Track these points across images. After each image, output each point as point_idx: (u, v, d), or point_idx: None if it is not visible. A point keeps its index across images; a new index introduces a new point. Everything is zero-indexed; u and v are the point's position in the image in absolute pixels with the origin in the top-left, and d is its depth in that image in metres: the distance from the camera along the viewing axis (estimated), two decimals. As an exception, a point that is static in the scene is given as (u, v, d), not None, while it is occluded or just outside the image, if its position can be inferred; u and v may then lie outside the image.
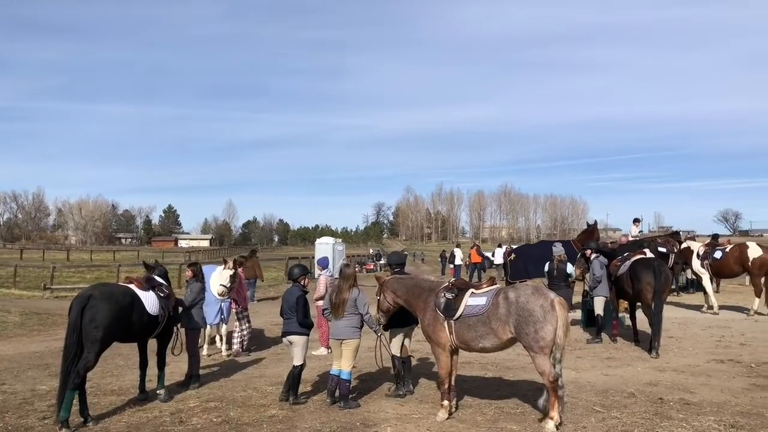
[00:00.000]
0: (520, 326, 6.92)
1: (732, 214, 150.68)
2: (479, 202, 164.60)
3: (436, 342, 7.58)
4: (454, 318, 7.36)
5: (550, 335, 6.84)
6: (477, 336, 7.24)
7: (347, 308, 8.11)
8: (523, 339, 6.94)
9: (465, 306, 7.33)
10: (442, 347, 7.52)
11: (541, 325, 6.83)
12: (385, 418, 7.60)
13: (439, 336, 7.49)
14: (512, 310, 7.00)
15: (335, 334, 8.22)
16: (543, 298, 6.97)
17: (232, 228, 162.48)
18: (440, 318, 7.47)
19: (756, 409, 7.68)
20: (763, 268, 16.83)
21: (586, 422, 7.22)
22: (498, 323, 7.09)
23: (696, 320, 15.84)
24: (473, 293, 7.44)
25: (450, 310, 7.40)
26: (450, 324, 7.39)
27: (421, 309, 7.77)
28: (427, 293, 7.78)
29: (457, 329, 7.35)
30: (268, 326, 15.43)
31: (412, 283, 8.12)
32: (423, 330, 7.85)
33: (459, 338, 7.38)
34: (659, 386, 8.92)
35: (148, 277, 8.76)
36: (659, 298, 11.60)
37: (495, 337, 7.15)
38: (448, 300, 7.46)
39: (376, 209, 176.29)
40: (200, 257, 61.49)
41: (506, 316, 7.03)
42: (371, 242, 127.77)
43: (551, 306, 6.90)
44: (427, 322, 7.63)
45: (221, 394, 8.85)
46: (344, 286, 8.18)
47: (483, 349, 7.40)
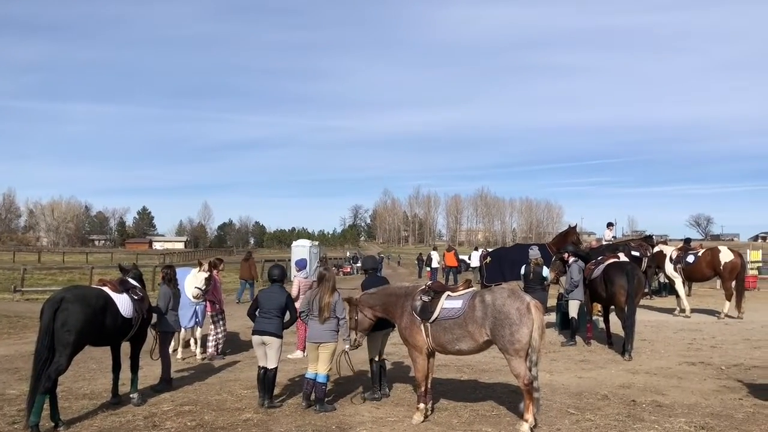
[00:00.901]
0: (495, 329, 6.96)
1: (704, 219, 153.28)
2: (456, 206, 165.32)
3: (413, 345, 7.59)
4: (430, 321, 7.37)
5: (525, 338, 6.88)
6: (453, 339, 7.27)
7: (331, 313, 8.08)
8: (498, 341, 6.98)
9: (441, 309, 7.36)
10: (419, 350, 7.54)
11: (517, 327, 6.87)
12: (361, 421, 7.59)
13: (416, 339, 7.50)
14: (488, 313, 7.03)
15: (313, 337, 8.15)
16: (519, 301, 7.02)
17: (207, 230, 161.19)
18: (417, 321, 7.48)
19: (726, 410, 7.80)
20: (734, 272, 17.14)
21: (560, 424, 7.28)
22: (474, 326, 7.12)
23: (668, 323, 16.07)
24: (449, 296, 7.47)
25: (426, 312, 7.42)
26: (426, 327, 7.41)
27: (398, 314, 7.76)
28: (403, 298, 7.76)
29: (434, 332, 7.37)
30: (244, 329, 15.30)
31: (386, 293, 8.07)
32: (400, 333, 7.85)
33: (435, 341, 7.40)
34: (632, 388, 9.03)
35: (122, 280, 8.66)
36: (632, 301, 11.75)
37: (471, 340, 7.18)
38: (425, 303, 7.47)
39: (353, 212, 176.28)
40: (175, 259, 61.05)
41: (482, 318, 7.07)
42: (348, 245, 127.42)
43: (527, 309, 6.95)
44: (404, 325, 7.63)
45: (195, 398, 8.77)
46: (327, 289, 8.12)
47: (459, 351, 7.42)
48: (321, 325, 8.05)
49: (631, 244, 19.58)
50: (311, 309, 8.19)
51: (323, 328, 8.06)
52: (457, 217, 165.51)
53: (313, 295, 8.30)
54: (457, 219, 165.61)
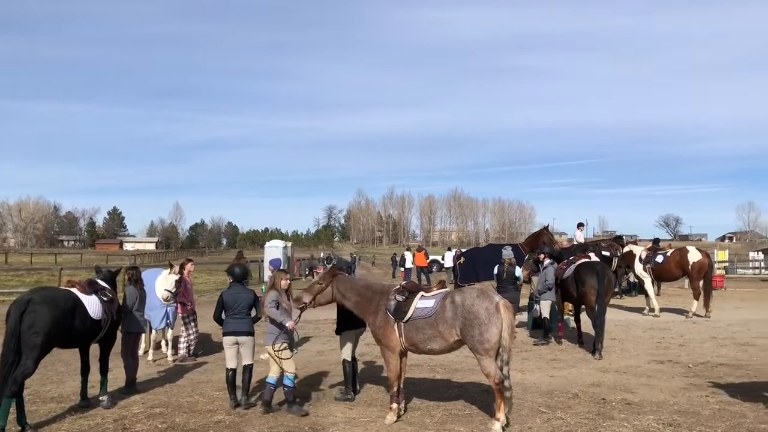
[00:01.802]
0: (465, 328, 7.01)
1: (673, 219, 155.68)
2: (430, 206, 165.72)
3: (386, 345, 7.60)
4: (404, 320, 7.40)
5: (494, 337, 6.95)
6: (425, 338, 7.30)
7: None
8: (468, 341, 7.04)
9: (415, 308, 7.39)
10: (392, 350, 7.55)
11: (486, 327, 6.93)
12: (334, 422, 7.58)
13: (389, 339, 7.52)
14: (458, 313, 7.08)
15: (265, 340, 8.12)
16: (488, 301, 7.08)
17: (179, 231, 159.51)
18: (391, 320, 7.49)
19: (693, 407, 7.95)
20: (702, 272, 17.47)
21: (531, 423, 7.35)
22: (444, 326, 7.16)
23: (638, 322, 16.32)
24: (423, 296, 7.51)
25: (400, 312, 7.44)
26: (400, 326, 7.43)
27: (371, 312, 7.76)
28: (378, 296, 7.77)
29: (407, 331, 7.40)
30: (216, 330, 15.12)
31: (363, 286, 8.11)
32: (373, 332, 7.85)
33: (408, 340, 7.43)
34: (602, 387, 9.15)
35: (91, 281, 8.53)
36: (602, 300, 11.90)
37: (442, 340, 7.23)
38: (399, 302, 7.49)
39: (327, 212, 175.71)
40: (146, 260, 60.36)
41: (452, 318, 7.11)
42: (322, 246, 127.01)
43: (496, 309, 7.02)
44: (378, 324, 7.63)
45: (166, 400, 8.69)
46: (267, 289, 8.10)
47: (431, 351, 7.46)
48: (267, 327, 8.07)
49: (601, 244, 19.82)
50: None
51: (267, 330, 8.06)
52: (430, 217, 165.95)
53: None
54: (431, 219, 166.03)
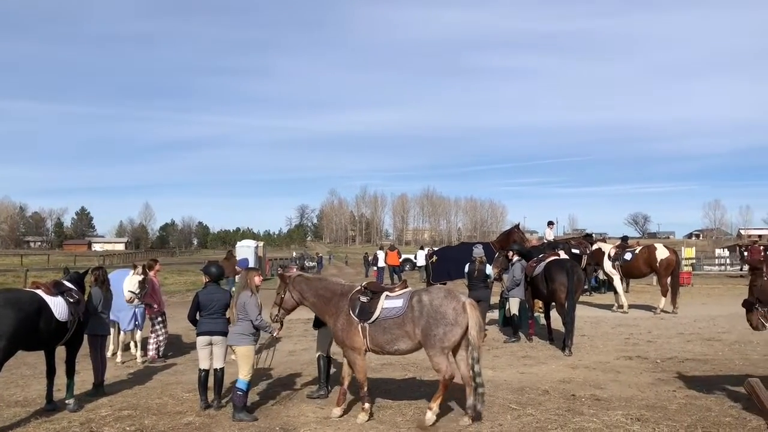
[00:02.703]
0: (429, 328, 7.03)
1: (641, 218, 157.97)
2: (403, 205, 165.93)
3: (350, 347, 7.51)
4: (369, 321, 7.36)
5: (457, 337, 7.03)
6: (392, 339, 7.29)
7: (237, 313, 7.82)
8: (429, 339, 7.05)
9: (381, 309, 7.35)
10: (357, 351, 7.48)
11: (451, 327, 6.99)
12: (305, 422, 7.55)
13: (354, 340, 7.44)
14: (425, 312, 7.10)
15: (229, 339, 7.95)
16: (455, 301, 7.13)
17: (149, 231, 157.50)
18: (354, 322, 7.43)
19: (660, 402, 8.07)
20: (669, 269, 17.74)
21: (502, 420, 7.40)
22: (411, 325, 7.17)
23: (607, 319, 16.52)
24: (388, 296, 7.48)
25: (365, 313, 7.38)
26: (365, 328, 7.38)
27: (332, 314, 7.65)
28: (338, 297, 7.66)
29: (372, 333, 7.34)
30: (186, 331, 15.01)
31: (322, 286, 7.93)
32: (335, 335, 7.74)
33: (373, 342, 7.37)
34: (572, 383, 9.25)
35: (57, 282, 8.37)
36: (572, 297, 12.02)
37: (409, 340, 7.23)
38: (363, 304, 7.44)
39: (299, 212, 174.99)
40: (115, 261, 59.45)
41: (418, 318, 7.13)
42: (295, 245, 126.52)
43: (463, 308, 7.07)
44: (341, 326, 7.53)
45: (135, 402, 8.56)
46: (237, 288, 7.98)
47: (396, 351, 7.45)
48: (234, 326, 7.89)
49: (571, 242, 20.04)
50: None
51: (235, 330, 7.85)
52: (403, 216, 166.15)
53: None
54: (403, 218, 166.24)
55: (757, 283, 7.61)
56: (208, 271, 8.75)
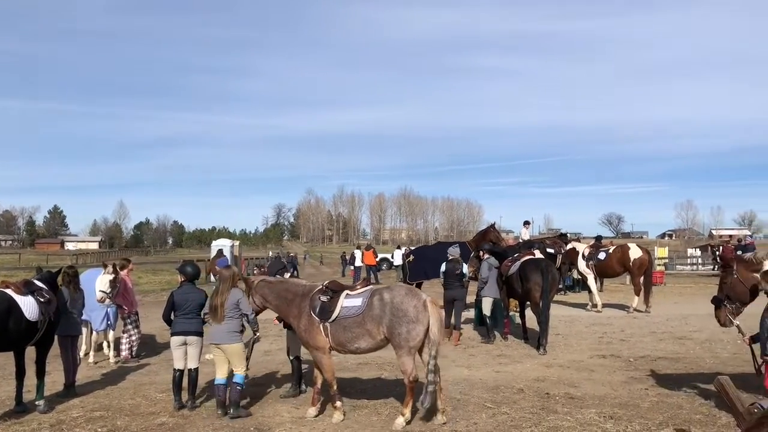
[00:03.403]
0: (393, 326, 7.07)
1: (615, 218, 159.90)
2: (380, 205, 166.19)
3: (314, 346, 7.54)
4: (330, 320, 7.37)
5: (421, 335, 7.07)
6: (352, 337, 7.31)
7: (228, 311, 7.77)
8: (394, 338, 7.09)
9: (341, 308, 7.37)
10: (322, 351, 7.50)
11: (414, 325, 7.03)
12: (281, 422, 7.52)
13: (317, 340, 7.47)
14: (386, 311, 7.13)
15: (213, 338, 7.82)
16: (416, 299, 7.17)
17: (123, 230, 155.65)
18: (316, 322, 7.45)
19: (633, 400, 8.17)
20: (642, 268, 17.94)
21: (477, 418, 7.44)
22: (372, 324, 7.20)
23: (581, 318, 16.68)
24: (348, 295, 7.49)
25: (326, 312, 7.40)
26: (326, 327, 7.40)
27: (295, 315, 7.68)
28: (300, 298, 7.68)
29: (333, 331, 7.38)
30: (160, 331, 14.85)
31: (283, 288, 7.95)
32: (299, 336, 7.78)
33: (334, 340, 7.41)
34: (546, 382, 9.32)
35: (27, 281, 8.23)
36: (547, 297, 12.11)
37: (369, 338, 7.27)
38: (323, 303, 7.45)
39: (276, 211, 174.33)
40: (89, 260, 58.65)
41: (380, 316, 7.15)
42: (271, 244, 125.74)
43: (424, 306, 7.11)
44: (303, 327, 7.56)
45: (107, 403, 8.45)
46: (222, 288, 7.81)
47: (357, 349, 7.48)
48: (223, 325, 7.77)
49: (546, 241, 20.16)
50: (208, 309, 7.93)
51: (224, 329, 7.76)
52: (381, 216, 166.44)
53: (212, 295, 8.05)
54: (381, 218, 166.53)
55: (726, 281, 7.75)
56: (183, 271, 8.66)
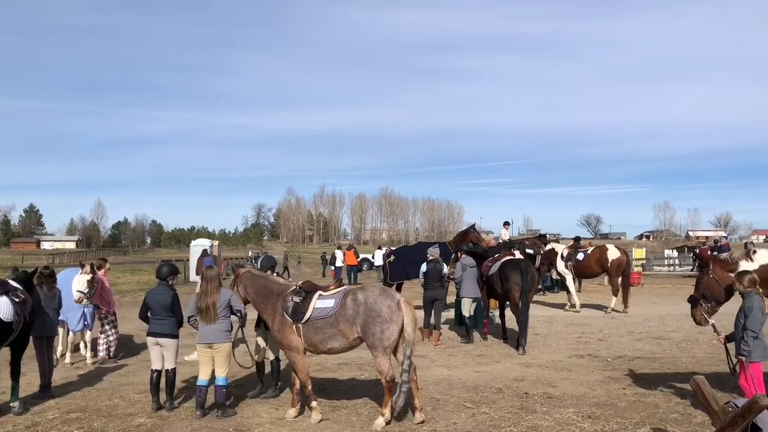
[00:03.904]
0: (367, 326, 7.08)
1: (594, 219, 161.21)
2: (361, 205, 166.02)
3: (287, 346, 7.54)
4: (302, 321, 7.37)
5: (395, 335, 7.09)
6: (325, 338, 7.32)
7: (219, 311, 7.75)
8: (368, 339, 7.10)
9: (313, 309, 7.37)
10: (296, 351, 7.50)
11: (388, 325, 7.04)
12: (260, 422, 7.49)
13: (290, 340, 7.47)
14: (360, 311, 7.14)
15: (205, 338, 7.76)
16: (390, 299, 7.20)
17: (100, 229, 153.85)
18: (288, 322, 7.44)
19: (611, 400, 8.25)
20: (620, 269, 18.14)
21: (456, 418, 7.46)
22: (346, 324, 7.20)
23: (559, 318, 16.81)
24: (321, 295, 7.50)
25: (298, 313, 7.40)
26: (298, 328, 7.40)
27: (269, 313, 7.69)
28: (275, 297, 7.69)
29: (306, 332, 7.38)
30: (138, 332, 14.73)
31: (262, 284, 7.96)
32: (273, 336, 7.80)
33: (307, 341, 7.42)
34: (525, 381, 9.38)
35: (2, 281, 8.11)
36: (526, 297, 12.19)
37: (342, 338, 7.27)
38: (296, 304, 7.45)
39: (256, 210, 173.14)
40: (65, 260, 57.96)
41: (353, 317, 7.16)
42: (251, 244, 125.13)
43: (398, 306, 7.14)
44: (277, 327, 7.57)
45: (84, 404, 8.35)
46: (210, 288, 7.73)
47: (330, 350, 7.49)
48: (211, 325, 7.72)
49: (525, 242, 20.31)
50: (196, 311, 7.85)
51: (215, 328, 7.71)
52: (361, 216, 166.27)
53: (197, 296, 7.96)
54: (361, 218, 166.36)
55: (703, 280, 7.86)
56: (157, 270, 8.66)
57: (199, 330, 7.88)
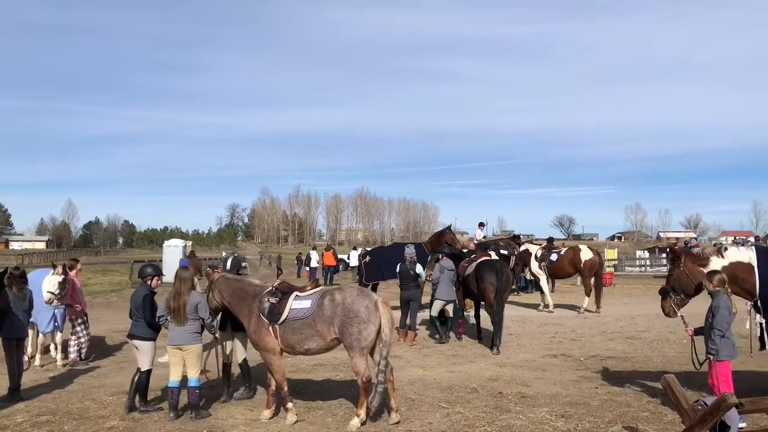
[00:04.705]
0: (344, 327, 7.09)
1: (567, 220, 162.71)
2: (336, 205, 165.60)
3: (263, 348, 7.51)
4: (278, 322, 7.35)
5: (372, 336, 7.12)
6: (302, 339, 7.31)
7: (188, 313, 7.66)
8: (346, 339, 7.11)
9: (290, 309, 7.35)
10: (272, 352, 7.48)
11: (365, 325, 7.06)
12: (234, 424, 7.44)
13: (267, 342, 7.44)
14: (338, 312, 7.15)
15: (174, 340, 7.70)
16: (368, 299, 7.22)
17: (71, 229, 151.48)
18: (265, 323, 7.42)
19: (583, 399, 8.34)
20: (593, 269, 18.37)
21: (431, 418, 7.49)
22: (323, 325, 7.20)
23: (533, 318, 16.97)
24: (297, 296, 7.49)
25: (274, 314, 7.38)
26: (275, 329, 7.37)
27: (245, 315, 7.65)
28: (251, 298, 7.65)
29: (282, 333, 7.36)
30: (110, 333, 14.57)
31: (238, 286, 7.91)
32: (249, 337, 7.76)
33: (284, 342, 7.40)
34: (499, 381, 9.45)
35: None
36: (501, 297, 12.27)
37: (320, 339, 7.27)
38: (272, 304, 7.42)
39: (230, 211, 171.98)
40: (35, 260, 57.02)
41: (331, 317, 7.17)
42: (225, 245, 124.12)
43: (375, 307, 7.16)
44: (253, 328, 7.53)
45: (54, 407, 8.23)
46: (182, 288, 7.68)
47: (307, 351, 7.47)
48: (181, 327, 7.67)
49: (499, 243, 20.45)
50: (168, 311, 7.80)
51: (185, 330, 7.66)
52: (337, 216, 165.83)
53: (168, 295, 7.89)
54: (337, 218, 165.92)
55: (674, 273, 7.97)
56: (140, 271, 8.63)
57: (169, 331, 7.81)
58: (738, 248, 8.00)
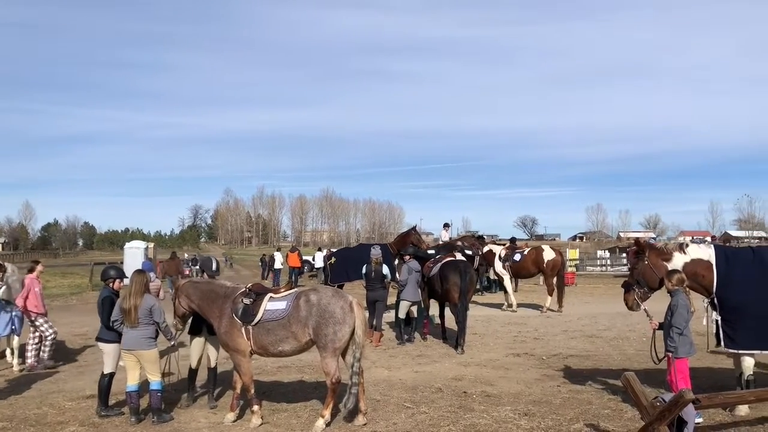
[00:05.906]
0: (319, 327, 7.08)
1: (529, 220, 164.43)
2: (301, 206, 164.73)
3: (234, 349, 7.45)
4: (252, 324, 7.30)
5: (346, 336, 7.13)
6: (276, 340, 7.27)
7: (141, 317, 7.53)
8: (320, 340, 7.10)
9: (264, 311, 7.32)
10: (242, 354, 7.42)
11: (340, 326, 7.07)
12: (198, 427, 7.37)
13: (238, 343, 7.39)
14: (313, 312, 7.14)
15: (126, 344, 7.58)
16: (343, 300, 7.23)
17: (29, 231, 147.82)
18: (237, 324, 7.36)
19: (546, 397, 8.46)
20: (556, 269, 18.63)
21: (396, 419, 7.51)
22: (298, 326, 7.18)
23: (497, 317, 17.13)
24: (272, 297, 7.45)
25: (248, 315, 7.33)
26: (248, 330, 7.33)
27: (216, 316, 7.57)
28: (222, 299, 7.58)
29: (255, 335, 7.31)
30: (69, 337, 14.27)
31: (208, 289, 7.84)
32: (219, 338, 7.68)
33: (257, 343, 7.35)
34: (464, 380, 9.52)
35: None
36: (465, 297, 12.36)
37: (294, 340, 7.24)
38: (246, 306, 7.38)
39: (193, 212, 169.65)
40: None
41: (306, 318, 7.15)
42: (188, 247, 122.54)
43: (350, 308, 7.18)
44: (224, 329, 7.46)
45: (11, 413, 8.03)
46: (133, 290, 7.57)
47: (281, 353, 7.44)
48: (137, 331, 7.54)
49: (463, 243, 20.60)
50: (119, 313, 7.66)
51: (138, 334, 7.54)
52: (302, 217, 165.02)
53: (120, 298, 7.77)
54: (302, 219, 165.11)
55: (638, 267, 8.10)
56: (102, 273, 8.53)
57: (123, 334, 7.67)
58: (699, 246, 8.19)
